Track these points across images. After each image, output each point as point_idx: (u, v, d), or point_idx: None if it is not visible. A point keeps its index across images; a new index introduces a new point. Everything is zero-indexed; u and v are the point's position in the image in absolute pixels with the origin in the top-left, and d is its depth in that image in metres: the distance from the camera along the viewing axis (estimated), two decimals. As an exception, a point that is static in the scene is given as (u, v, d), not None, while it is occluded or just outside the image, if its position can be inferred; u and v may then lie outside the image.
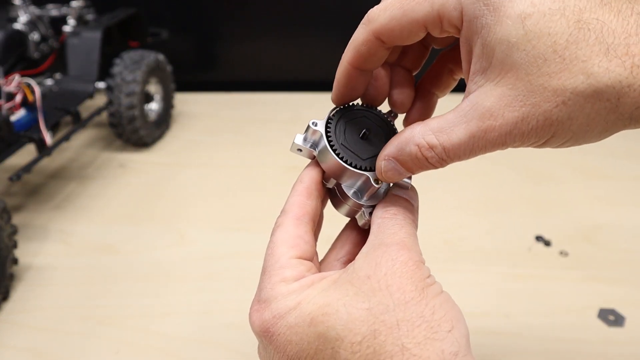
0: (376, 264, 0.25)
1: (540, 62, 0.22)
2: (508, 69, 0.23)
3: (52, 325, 0.50)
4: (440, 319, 0.23)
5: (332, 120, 0.30)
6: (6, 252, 0.52)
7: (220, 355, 0.47)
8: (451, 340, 0.23)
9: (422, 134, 0.26)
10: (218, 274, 0.56)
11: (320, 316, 0.24)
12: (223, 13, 1.01)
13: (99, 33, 0.77)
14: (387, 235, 0.27)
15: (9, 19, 0.74)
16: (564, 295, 0.53)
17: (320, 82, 1.02)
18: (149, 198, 0.70)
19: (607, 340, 0.48)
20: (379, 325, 0.23)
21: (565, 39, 0.22)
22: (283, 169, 0.76)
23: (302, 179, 0.31)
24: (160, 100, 0.84)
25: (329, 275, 0.26)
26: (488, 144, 0.25)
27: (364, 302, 0.24)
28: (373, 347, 0.23)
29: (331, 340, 0.23)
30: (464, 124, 0.25)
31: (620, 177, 0.74)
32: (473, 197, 0.69)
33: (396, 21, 0.26)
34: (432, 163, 0.26)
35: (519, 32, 0.22)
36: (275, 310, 0.26)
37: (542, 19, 0.22)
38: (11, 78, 0.66)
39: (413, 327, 0.23)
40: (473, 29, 0.24)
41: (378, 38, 0.27)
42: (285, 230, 0.29)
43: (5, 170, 0.69)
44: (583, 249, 0.59)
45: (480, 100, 0.24)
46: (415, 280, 0.24)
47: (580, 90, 0.22)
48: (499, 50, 0.23)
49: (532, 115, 0.23)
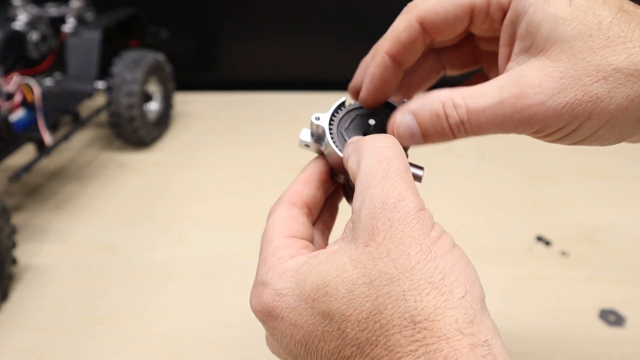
0: (372, 228, 0.22)
1: (586, 37, 0.22)
2: (552, 42, 0.23)
3: (51, 325, 0.50)
4: (451, 283, 0.21)
5: (337, 114, 0.30)
6: (5, 253, 0.52)
7: (220, 355, 0.47)
8: (464, 307, 0.21)
9: (449, 94, 0.25)
10: (218, 274, 0.56)
11: (321, 297, 0.23)
12: (223, 13, 1.01)
13: (99, 33, 0.77)
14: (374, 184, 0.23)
15: (8, 19, 0.74)
16: (564, 296, 0.53)
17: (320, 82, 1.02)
18: (148, 198, 0.70)
19: (608, 340, 0.48)
20: (384, 299, 0.21)
21: (609, 20, 0.22)
22: (283, 169, 0.76)
23: (305, 168, 0.31)
24: (159, 100, 0.84)
25: (326, 250, 0.25)
26: (516, 114, 0.23)
27: (365, 276, 0.22)
28: (380, 323, 0.21)
29: (337, 320, 0.22)
30: (496, 92, 0.24)
31: (620, 177, 0.74)
32: (473, 198, 0.69)
33: (443, 6, 0.25)
34: (451, 124, 0.25)
35: (566, 9, 0.23)
36: (273, 291, 0.25)
37: (587, 1, 0.23)
38: (10, 78, 0.66)
39: (422, 297, 0.21)
40: (520, 8, 0.24)
41: (421, 24, 0.26)
42: (278, 214, 0.28)
43: (5, 170, 0.69)
44: (584, 249, 0.59)
45: (519, 71, 0.24)
46: (418, 239, 0.22)
47: (622, 67, 0.22)
48: (545, 25, 0.23)
49: (572, 87, 0.23)
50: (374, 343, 0.21)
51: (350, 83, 0.33)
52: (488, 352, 0.20)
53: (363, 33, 1.00)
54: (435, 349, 0.20)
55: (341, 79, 1.02)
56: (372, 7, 0.97)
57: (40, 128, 0.64)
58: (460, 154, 0.78)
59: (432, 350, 0.20)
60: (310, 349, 0.23)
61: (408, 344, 0.20)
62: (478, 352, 0.20)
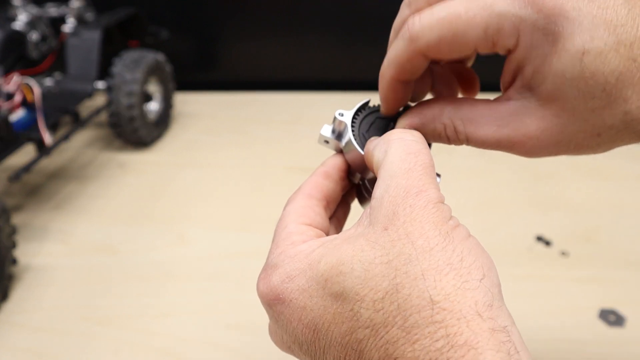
0: (393, 213, 0.22)
1: (589, 98, 0.23)
2: (556, 98, 0.24)
3: (51, 325, 0.50)
4: (470, 265, 0.21)
5: (360, 113, 0.30)
6: (5, 253, 0.52)
7: (220, 355, 0.47)
8: (484, 289, 0.20)
9: (450, 116, 0.26)
10: (218, 274, 0.56)
11: (334, 276, 0.22)
12: (223, 13, 1.01)
13: (99, 33, 0.77)
14: (400, 173, 0.24)
15: (8, 19, 0.74)
16: (564, 296, 0.53)
17: (320, 82, 1.02)
18: (148, 198, 0.70)
19: (608, 340, 0.48)
20: (402, 278, 0.20)
21: (616, 77, 0.22)
22: (283, 168, 0.76)
23: (324, 162, 0.31)
24: (159, 100, 0.84)
25: (341, 234, 0.24)
26: (512, 151, 0.26)
27: (383, 256, 0.21)
28: (397, 303, 0.20)
29: (350, 300, 0.21)
30: (496, 126, 0.25)
31: (620, 177, 0.74)
32: (473, 197, 0.69)
33: (445, 43, 0.25)
34: (450, 142, 0.27)
35: (576, 69, 0.23)
36: (284, 273, 0.24)
37: (599, 56, 0.22)
38: (10, 78, 0.66)
39: (440, 277, 0.20)
40: (528, 56, 0.24)
41: (424, 55, 0.26)
42: (295, 203, 0.28)
43: (5, 170, 0.69)
44: (584, 249, 0.59)
45: (521, 112, 0.25)
46: (438, 224, 0.22)
47: (616, 125, 0.23)
48: (551, 80, 0.23)
49: (566, 142, 0.25)
50: (389, 324, 0.20)
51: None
52: (507, 339, 0.19)
53: (363, 33, 1.00)
54: (455, 332, 0.19)
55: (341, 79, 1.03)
56: (372, 7, 0.97)
57: (40, 128, 0.64)
58: (460, 153, 0.78)
59: (452, 333, 0.19)
60: (319, 333, 0.22)
61: (426, 325, 0.19)
62: (498, 337, 0.19)
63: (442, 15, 0.25)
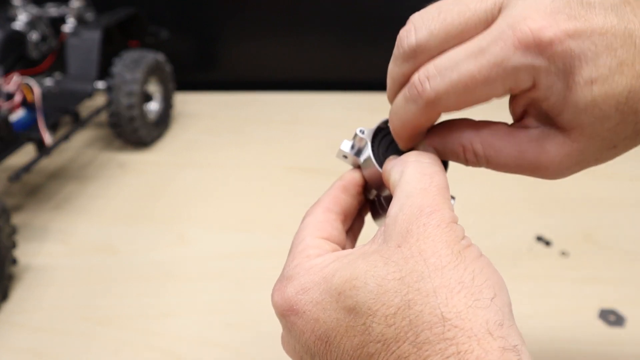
0: (407, 231, 0.23)
1: (605, 121, 0.24)
2: (574, 126, 0.25)
3: (51, 325, 0.50)
4: (481, 284, 0.21)
5: (380, 132, 0.31)
6: (5, 253, 0.52)
7: (221, 355, 0.47)
8: (495, 308, 0.21)
9: (470, 140, 0.27)
10: (218, 274, 0.56)
11: (348, 290, 0.22)
12: (223, 13, 1.01)
13: (99, 33, 0.77)
14: (416, 192, 0.24)
15: (8, 19, 0.74)
16: (564, 296, 0.53)
17: (320, 82, 1.02)
18: (148, 198, 0.70)
19: (608, 340, 0.48)
20: (414, 295, 0.21)
21: (625, 96, 0.23)
22: (283, 169, 0.76)
23: (342, 177, 0.31)
24: (160, 100, 0.84)
25: (355, 250, 0.25)
26: (531, 175, 0.27)
27: (395, 272, 0.22)
28: (409, 319, 0.21)
29: (362, 315, 0.22)
30: (517, 152, 0.26)
31: (620, 177, 0.74)
32: (473, 198, 0.69)
33: (462, 102, 0.26)
34: (468, 163, 0.28)
35: (587, 98, 0.23)
36: (298, 285, 0.25)
37: (606, 81, 0.23)
38: (10, 78, 0.66)
39: (452, 294, 0.21)
40: (543, 95, 0.25)
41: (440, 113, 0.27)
42: (314, 216, 0.29)
43: (5, 170, 0.69)
44: (584, 249, 0.59)
45: (542, 139, 0.26)
46: (450, 244, 0.22)
47: (629, 135, 0.25)
48: (567, 112, 0.24)
49: (586, 162, 0.26)
50: (401, 340, 0.21)
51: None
52: (518, 358, 0.20)
53: (363, 33, 1.00)
54: (465, 350, 0.20)
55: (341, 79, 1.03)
56: (372, 7, 0.97)
57: (40, 128, 0.64)
58: (460, 154, 0.78)
59: (462, 350, 0.20)
60: (331, 345, 0.23)
61: (438, 342, 0.20)
62: (508, 356, 0.20)
63: (454, 78, 0.25)
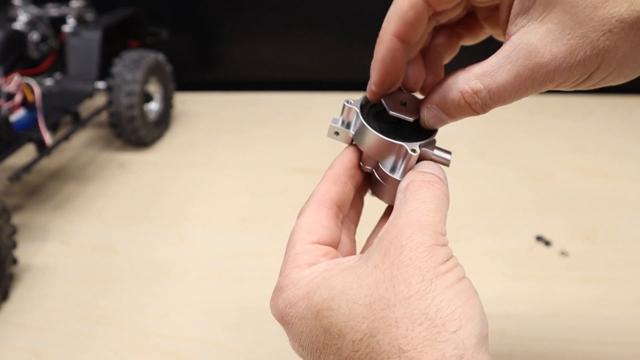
0: (385, 251, 0.23)
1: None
2: (554, 4, 0.24)
3: (51, 325, 0.50)
4: (445, 317, 0.21)
5: (368, 102, 0.30)
6: (6, 252, 0.52)
7: (220, 355, 0.47)
8: (455, 342, 0.21)
9: (465, 80, 0.26)
10: (218, 274, 0.56)
11: (324, 310, 0.23)
12: (223, 13, 1.01)
13: (99, 33, 0.77)
14: (403, 214, 0.25)
15: (8, 19, 0.74)
16: (564, 296, 0.53)
17: (320, 82, 1.02)
18: (148, 198, 0.70)
19: (608, 340, 0.48)
20: (378, 323, 0.21)
21: None
22: (283, 169, 0.76)
23: (331, 165, 0.31)
24: (160, 100, 0.84)
25: (343, 262, 0.25)
26: (535, 83, 0.25)
27: (366, 297, 0.22)
28: (371, 347, 0.21)
29: (334, 336, 0.23)
30: (509, 65, 0.25)
31: (620, 177, 0.74)
32: (473, 198, 0.69)
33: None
34: (475, 109, 0.27)
35: None
36: (287, 299, 0.25)
37: None
38: (11, 78, 0.66)
39: (413, 326, 0.21)
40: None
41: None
42: (305, 217, 0.29)
43: (5, 170, 0.69)
44: (583, 249, 0.59)
45: (525, 39, 0.25)
46: (423, 270, 0.22)
47: (625, 17, 0.23)
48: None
49: (580, 46, 0.24)
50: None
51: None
52: None
53: (363, 33, 1.00)
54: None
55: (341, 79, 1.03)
56: (372, 7, 0.97)
57: (41, 128, 0.64)
58: (460, 154, 0.78)
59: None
60: (315, 356, 0.24)
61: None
62: None
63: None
